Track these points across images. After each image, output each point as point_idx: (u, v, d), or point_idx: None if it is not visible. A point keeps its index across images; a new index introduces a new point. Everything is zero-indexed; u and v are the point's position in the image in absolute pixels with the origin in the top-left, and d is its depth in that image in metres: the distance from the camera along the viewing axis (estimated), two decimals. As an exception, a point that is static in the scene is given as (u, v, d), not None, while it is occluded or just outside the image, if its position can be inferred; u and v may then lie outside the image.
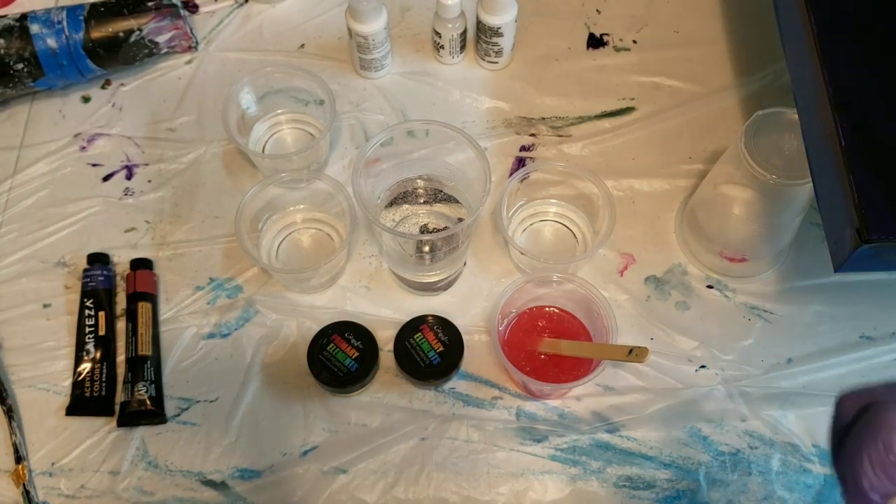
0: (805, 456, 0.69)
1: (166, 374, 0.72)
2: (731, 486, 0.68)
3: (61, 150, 0.83)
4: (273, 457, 0.69)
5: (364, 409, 0.71)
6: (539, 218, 0.79)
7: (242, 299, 0.75)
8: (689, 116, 0.84)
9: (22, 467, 0.68)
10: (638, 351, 0.61)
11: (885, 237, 0.50)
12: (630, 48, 0.88)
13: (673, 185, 0.80)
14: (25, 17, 0.80)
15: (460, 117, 0.84)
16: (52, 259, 0.77)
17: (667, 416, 0.70)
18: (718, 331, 0.74)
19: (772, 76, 0.85)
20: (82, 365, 0.71)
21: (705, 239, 0.74)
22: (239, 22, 0.90)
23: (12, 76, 0.80)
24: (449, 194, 0.75)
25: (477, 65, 0.87)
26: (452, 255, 0.72)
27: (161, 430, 0.70)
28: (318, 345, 0.70)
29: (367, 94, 0.85)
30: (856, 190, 0.52)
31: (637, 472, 0.69)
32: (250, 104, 0.80)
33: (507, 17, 0.81)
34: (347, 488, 0.68)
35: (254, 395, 0.71)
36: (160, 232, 0.79)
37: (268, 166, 0.79)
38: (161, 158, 0.82)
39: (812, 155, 0.59)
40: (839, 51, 0.57)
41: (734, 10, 0.90)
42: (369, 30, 0.80)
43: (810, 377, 0.72)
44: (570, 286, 0.70)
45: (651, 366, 0.72)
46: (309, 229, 0.78)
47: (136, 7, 0.82)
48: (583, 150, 0.82)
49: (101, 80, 0.86)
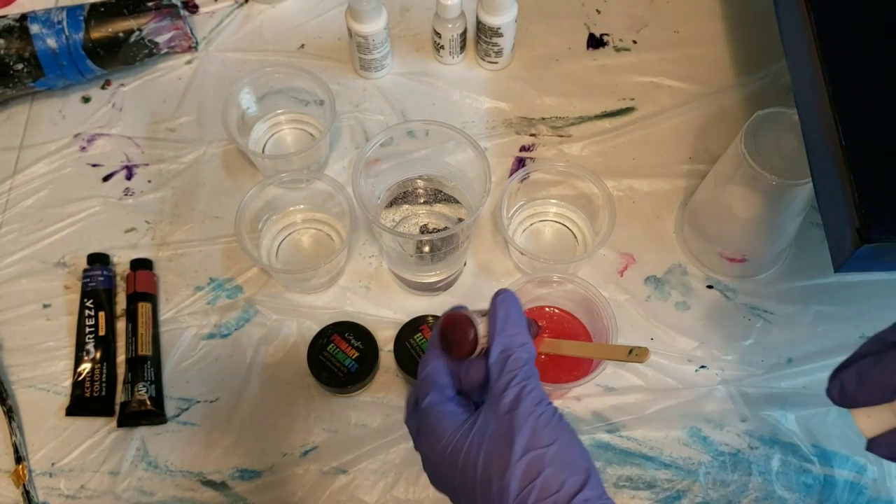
0: (805, 456, 0.69)
1: (166, 374, 0.72)
2: (731, 486, 0.68)
3: (61, 150, 0.83)
4: (273, 457, 0.69)
5: (364, 409, 0.71)
6: (539, 218, 0.79)
7: (242, 299, 0.75)
8: (689, 116, 0.84)
9: (22, 467, 0.68)
10: (638, 351, 0.60)
11: (886, 237, 0.50)
12: (630, 48, 0.88)
13: (673, 185, 0.80)
14: (25, 17, 0.80)
15: (460, 117, 0.84)
16: (52, 259, 0.77)
17: (667, 417, 0.70)
18: (718, 331, 0.74)
19: (772, 76, 0.85)
20: (82, 365, 0.71)
21: (705, 239, 0.74)
22: (239, 22, 0.90)
23: (12, 76, 0.80)
24: (449, 194, 0.75)
25: (477, 65, 0.87)
26: (452, 255, 0.72)
27: (161, 431, 0.70)
28: (318, 345, 0.70)
29: (367, 95, 0.85)
30: (856, 190, 0.52)
31: (637, 472, 0.69)
32: (250, 104, 0.80)
33: (507, 18, 0.81)
34: (347, 488, 0.68)
35: (254, 395, 0.71)
36: (160, 232, 0.79)
37: (268, 166, 0.79)
38: (161, 158, 0.82)
39: (812, 155, 0.59)
40: (839, 51, 0.57)
41: (734, 10, 0.90)
42: (369, 30, 0.80)
43: (810, 377, 0.72)
44: (570, 286, 0.70)
45: (651, 366, 0.72)
46: (309, 229, 0.78)
47: (136, 7, 0.82)
48: (583, 151, 0.82)
49: (101, 80, 0.86)
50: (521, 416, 0.45)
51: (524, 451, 0.44)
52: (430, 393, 0.49)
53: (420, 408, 0.50)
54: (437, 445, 0.47)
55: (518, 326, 0.50)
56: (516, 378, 0.47)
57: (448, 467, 0.47)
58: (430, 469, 0.49)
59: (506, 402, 0.46)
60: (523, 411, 0.45)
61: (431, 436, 0.48)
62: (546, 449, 0.44)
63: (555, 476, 0.43)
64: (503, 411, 0.46)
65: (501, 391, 0.46)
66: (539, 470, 0.43)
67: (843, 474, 0.68)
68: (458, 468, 0.46)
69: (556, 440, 0.45)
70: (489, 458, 0.44)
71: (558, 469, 0.44)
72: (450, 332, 0.50)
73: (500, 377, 0.47)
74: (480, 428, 0.46)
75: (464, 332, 0.49)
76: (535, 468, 0.43)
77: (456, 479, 0.46)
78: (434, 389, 0.49)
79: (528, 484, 0.43)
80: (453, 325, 0.50)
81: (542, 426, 0.45)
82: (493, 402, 0.47)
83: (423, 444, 0.49)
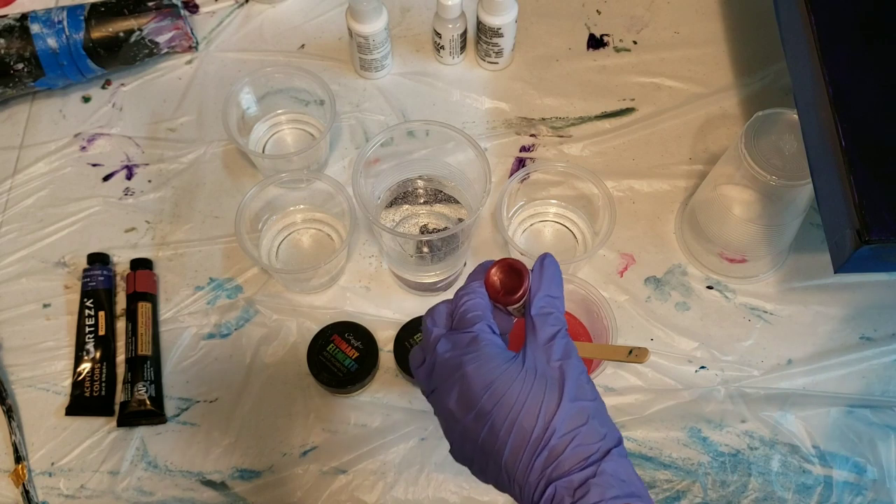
0: (805, 457, 0.69)
1: (166, 374, 0.72)
2: (730, 487, 0.68)
3: (61, 150, 0.83)
4: (273, 457, 0.69)
5: (364, 409, 0.71)
6: (539, 218, 0.79)
7: (242, 299, 0.75)
8: (689, 117, 0.84)
9: (21, 467, 0.68)
10: (638, 351, 0.60)
11: (886, 238, 0.50)
12: (630, 49, 0.88)
13: (673, 185, 0.80)
14: (26, 16, 0.80)
15: (460, 118, 0.84)
16: (52, 259, 0.77)
17: (667, 417, 0.70)
18: (718, 331, 0.74)
19: (772, 77, 0.85)
20: (82, 365, 0.71)
21: (705, 239, 0.74)
22: (239, 22, 0.90)
23: (12, 76, 0.80)
24: (449, 195, 0.75)
25: (477, 65, 0.87)
26: (452, 255, 0.72)
27: (161, 431, 0.70)
28: (318, 345, 0.70)
29: (368, 95, 0.85)
30: (856, 190, 0.52)
31: (637, 473, 0.68)
32: (250, 104, 0.80)
33: (508, 18, 0.81)
34: (347, 488, 0.68)
35: (254, 395, 0.71)
36: (160, 232, 0.79)
37: (268, 166, 0.79)
38: (161, 158, 0.82)
39: (812, 155, 0.59)
40: (839, 51, 0.57)
41: (734, 11, 0.90)
42: (369, 30, 0.80)
43: (810, 378, 0.72)
44: (570, 286, 0.70)
45: (651, 366, 0.72)
46: (309, 229, 0.78)
47: (136, 7, 0.82)
48: (583, 151, 0.82)
49: (102, 80, 0.86)
50: (570, 368, 0.46)
51: (574, 398, 0.45)
52: (479, 322, 0.48)
53: (468, 330, 0.48)
54: (482, 373, 0.45)
55: (560, 290, 0.50)
56: (560, 332, 0.47)
57: (489, 401, 0.45)
58: (461, 404, 0.46)
59: (556, 352, 0.46)
60: (572, 364, 0.46)
61: (479, 362, 0.46)
62: (591, 402, 0.46)
63: (596, 428, 0.44)
64: (554, 358, 0.46)
65: (548, 340, 0.47)
66: (585, 418, 0.44)
67: (843, 475, 0.68)
68: (499, 403, 0.45)
69: (597, 398, 0.46)
70: (536, 397, 0.45)
71: (600, 422, 0.45)
72: (506, 277, 0.50)
73: (545, 328, 0.47)
74: (530, 368, 0.46)
75: (520, 279, 0.49)
76: (583, 415, 0.44)
77: (494, 414, 0.45)
78: (485, 319, 0.48)
79: (575, 427, 0.44)
80: (510, 270, 0.50)
81: (586, 382, 0.46)
82: (539, 348, 0.47)
83: (467, 368, 0.46)
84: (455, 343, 0.48)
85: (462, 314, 0.49)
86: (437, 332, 0.49)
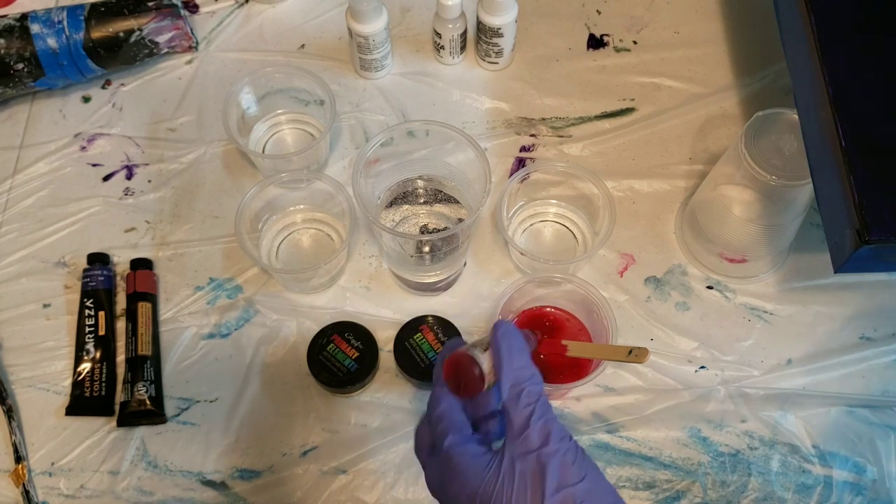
0: (805, 457, 0.69)
1: (166, 374, 0.72)
2: (730, 487, 0.68)
3: (61, 149, 0.83)
4: (273, 457, 0.69)
5: (364, 409, 0.71)
6: (539, 218, 0.79)
7: (242, 299, 0.75)
8: (689, 117, 0.84)
9: (21, 467, 0.68)
10: (638, 351, 0.60)
11: (885, 238, 0.50)
12: (630, 49, 0.88)
13: (673, 185, 0.80)
14: (26, 16, 0.80)
15: (460, 118, 0.84)
16: (52, 259, 0.77)
17: (667, 417, 0.70)
18: (718, 331, 0.74)
19: (772, 77, 0.85)
20: (82, 365, 0.71)
21: (705, 239, 0.74)
22: (239, 22, 0.90)
23: (12, 76, 0.80)
24: (449, 195, 0.75)
25: (477, 65, 0.87)
26: (452, 255, 0.72)
27: (161, 430, 0.70)
28: (318, 345, 0.70)
29: (368, 95, 0.85)
30: (856, 190, 0.52)
31: (637, 473, 0.69)
32: (250, 104, 0.80)
33: (508, 18, 0.81)
34: (347, 488, 0.68)
35: (254, 395, 0.71)
36: (160, 232, 0.79)
37: (268, 166, 0.79)
38: (161, 158, 0.82)
39: (812, 155, 0.59)
40: (839, 51, 0.57)
41: (734, 11, 0.90)
42: (369, 30, 0.80)
43: (810, 378, 0.72)
44: (570, 287, 0.70)
45: (651, 366, 0.72)
46: (309, 229, 0.78)
47: (136, 7, 0.82)
48: (583, 151, 0.82)
49: (102, 80, 0.86)
50: (549, 454, 0.45)
51: (556, 488, 0.44)
52: (448, 434, 0.49)
53: (441, 450, 0.49)
54: (465, 490, 0.47)
55: (523, 358, 0.50)
56: (535, 414, 0.47)
57: None
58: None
59: (531, 441, 0.46)
60: (550, 449, 0.46)
61: (458, 479, 0.47)
62: (577, 486, 0.45)
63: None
64: (529, 449, 0.46)
65: (522, 429, 0.47)
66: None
67: (843, 475, 0.68)
68: None
69: (585, 476, 0.46)
70: (521, 498, 0.45)
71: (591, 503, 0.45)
72: (455, 375, 0.50)
73: (518, 413, 0.47)
74: (508, 468, 0.46)
75: (469, 373, 0.49)
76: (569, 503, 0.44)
77: None
78: (452, 430, 0.49)
79: None
80: (456, 367, 0.50)
81: (570, 463, 0.46)
82: (516, 440, 0.47)
83: (450, 488, 0.48)
84: (433, 467, 0.50)
85: (433, 428, 0.51)
86: (421, 459, 0.52)
